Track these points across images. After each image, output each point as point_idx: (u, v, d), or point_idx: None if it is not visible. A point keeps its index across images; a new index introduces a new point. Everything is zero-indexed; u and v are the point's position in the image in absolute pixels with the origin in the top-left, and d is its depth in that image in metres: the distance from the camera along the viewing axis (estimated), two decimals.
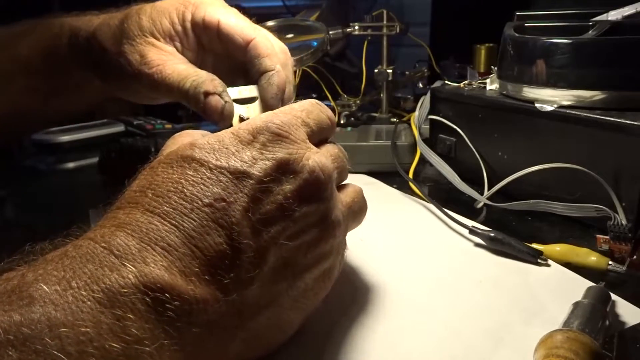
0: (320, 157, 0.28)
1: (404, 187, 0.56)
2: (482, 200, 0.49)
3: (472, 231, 0.43)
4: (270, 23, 0.56)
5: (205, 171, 0.25)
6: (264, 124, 0.27)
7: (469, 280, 0.37)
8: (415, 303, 0.35)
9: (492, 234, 0.41)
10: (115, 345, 0.20)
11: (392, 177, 0.58)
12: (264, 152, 0.26)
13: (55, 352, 0.18)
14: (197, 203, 0.24)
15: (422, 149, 0.57)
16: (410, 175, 0.57)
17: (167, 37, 0.39)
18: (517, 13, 0.59)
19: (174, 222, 0.23)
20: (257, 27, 0.39)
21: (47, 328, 0.19)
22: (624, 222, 0.39)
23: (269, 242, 0.25)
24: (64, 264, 0.21)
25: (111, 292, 0.21)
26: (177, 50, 0.40)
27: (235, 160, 0.25)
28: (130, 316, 0.21)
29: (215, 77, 0.37)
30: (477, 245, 0.42)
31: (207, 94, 0.35)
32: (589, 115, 0.43)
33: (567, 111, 0.45)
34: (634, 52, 0.42)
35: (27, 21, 0.47)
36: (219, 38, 0.39)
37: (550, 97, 0.46)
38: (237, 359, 0.26)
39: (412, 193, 0.54)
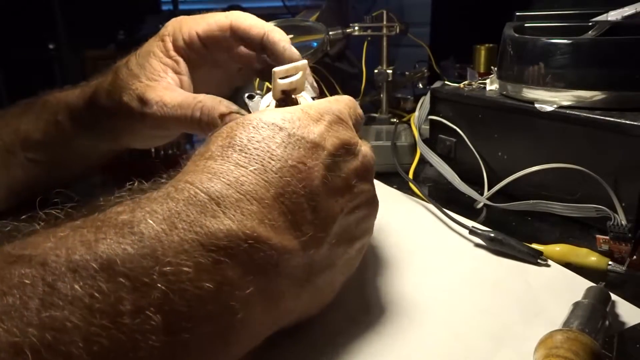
0: (366, 147, 0.32)
1: (404, 187, 0.56)
2: (482, 200, 0.49)
3: (472, 232, 0.43)
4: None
5: (286, 136, 0.27)
6: (328, 107, 0.31)
7: (469, 280, 0.37)
8: (415, 303, 0.35)
9: (492, 235, 0.41)
10: (209, 285, 0.22)
11: (392, 177, 0.58)
12: (330, 130, 0.29)
13: (160, 287, 0.21)
14: (284, 163, 0.26)
15: (422, 149, 0.57)
16: (410, 175, 0.57)
17: (160, 74, 0.40)
18: (517, 13, 0.59)
19: (266, 178, 0.26)
20: (225, 13, 0.41)
21: (155, 264, 0.21)
22: (623, 222, 0.39)
23: (337, 209, 0.28)
24: (169, 206, 0.23)
25: (214, 235, 0.23)
26: (174, 81, 0.40)
27: (310, 132, 0.28)
28: (227, 260, 0.23)
29: (216, 96, 0.37)
30: (477, 245, 0.42)
31: (222, 115, 0.35)
32: (589, 115, 0.43)
33: (567, 111, 0.45)
34: (633, 52, 0.42)
35: (22, 101, 0.47)
36: (205, 48, 0.41)
37: (550, 98, 0.46)
38: (297, 316, 0.29)
39: (412, 193, 0.54)
